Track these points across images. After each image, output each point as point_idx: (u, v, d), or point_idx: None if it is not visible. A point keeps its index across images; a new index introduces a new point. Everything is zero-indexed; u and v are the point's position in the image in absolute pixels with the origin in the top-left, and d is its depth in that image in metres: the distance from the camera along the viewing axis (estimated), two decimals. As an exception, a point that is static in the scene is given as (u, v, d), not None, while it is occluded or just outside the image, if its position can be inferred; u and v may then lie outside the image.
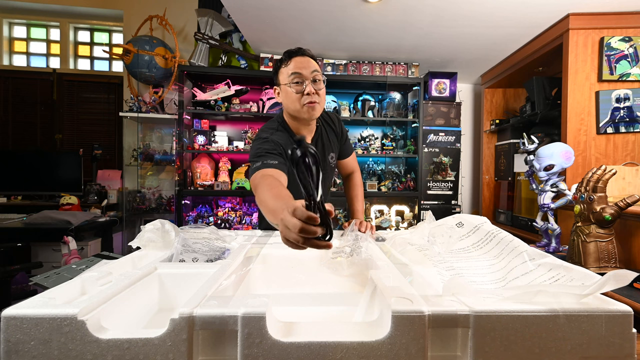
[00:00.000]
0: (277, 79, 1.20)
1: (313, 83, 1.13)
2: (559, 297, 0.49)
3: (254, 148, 1.14)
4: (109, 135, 3.58)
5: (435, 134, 3.00)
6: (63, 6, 3.47)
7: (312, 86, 1.13)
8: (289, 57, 1.15)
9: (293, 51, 1.16)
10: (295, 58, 1.14)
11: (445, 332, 0.49)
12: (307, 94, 1.12)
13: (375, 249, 0.86)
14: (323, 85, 1.17)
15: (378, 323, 0.49)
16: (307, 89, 1.12)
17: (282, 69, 1.16)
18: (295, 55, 1.14)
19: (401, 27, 2.38)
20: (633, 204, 1.12)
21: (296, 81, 1.13)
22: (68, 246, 2.01)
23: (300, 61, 1.13)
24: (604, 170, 1.18)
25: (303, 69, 1.12)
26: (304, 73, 1.12)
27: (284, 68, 1.16)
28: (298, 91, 1.13)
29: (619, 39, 2.06)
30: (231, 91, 2.77)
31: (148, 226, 0.86)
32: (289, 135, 1.22)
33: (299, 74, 1.12)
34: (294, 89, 1.13)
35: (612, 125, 2.09)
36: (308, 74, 1.12)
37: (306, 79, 1.12)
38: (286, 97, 1.16)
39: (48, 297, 0.51)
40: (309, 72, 1.13)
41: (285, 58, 1.16)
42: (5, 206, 2.92)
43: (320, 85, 1.15)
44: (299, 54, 1.15)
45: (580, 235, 1.18)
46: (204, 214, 2.84)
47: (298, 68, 1.12)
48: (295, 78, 1.12)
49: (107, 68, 3.75)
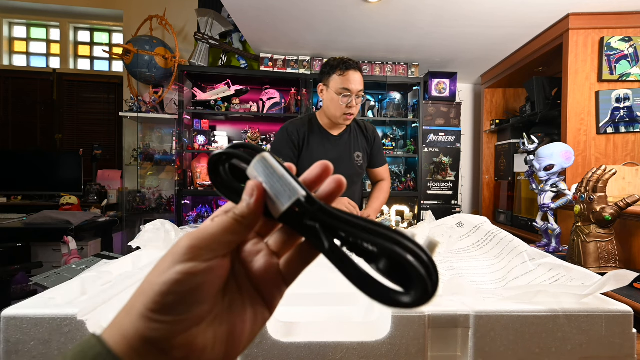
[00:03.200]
0: (327, 81, 1.33)
1: (356, 99, 1.30)
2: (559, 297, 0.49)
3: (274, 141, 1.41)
4: (109, 135, 3.58)
5: (435, 134, 3.00)
6: (63, 6, 3.47)
7: (355, 102, 1.30)
8: (346, 68, 1.29)
9: (350, 64, 1.29)
10: (350, 71, 1.28)
11: (445, 332, 0.49)
12: (349, 107, 1.29)
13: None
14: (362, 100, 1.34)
15: (378, 323, 0.49)
16: (351, 103, 1.29)
17: (335, 76, 1.30)
18: (351, 69, 1.29)
19: (401, 27, 2.38)
20: (633, 204, 1.12)
21: (345, 95, 1.28)
22: (68, 246, 2.01)
23: (354, 76, 1.28)
24: (604, 170, 1.18)
25: (354, 86, 1.28)
26: (353, 90, 1.28)
27: (338, 77, 1.29)
28: (343, 103, 1.29)
29: (619, 39, 2.06)
30: (231, 91, 2.77)
31: (148, 226, 0.86)
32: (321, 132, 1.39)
33: (349, 90, 1.28)
34: (342, 102, 1.29)
35: (612, 125, 2.09)
36: (356, 90, 1.28)
37: (353, 95, 1.28)
38: (330, 102, 1.32)
39: (48, 297, 0.50)
40: (357, 90, 1.29)
41: (342, 67, 1.29)
42: (5, 206, 2.92)
43: (359, 100, 1.32)
44: (354, 68, 1.29)
45: (580, 235, 1.18)
46: (204, 214, 2.84)
47: (350, 83, 1.27)
48: (345, 92, 1.28)
49: (107, 68, 3.75)
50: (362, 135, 1.47)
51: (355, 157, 1.42)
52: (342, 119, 1.32)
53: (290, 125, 1.40)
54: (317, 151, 1.37)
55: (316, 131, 1.39)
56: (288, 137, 1.36)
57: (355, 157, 1.42)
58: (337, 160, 1.38)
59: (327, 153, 1.37)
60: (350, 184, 1.44)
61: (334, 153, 1.39)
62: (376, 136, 1.51)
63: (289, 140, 1.35)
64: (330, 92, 1.31)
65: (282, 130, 1.38)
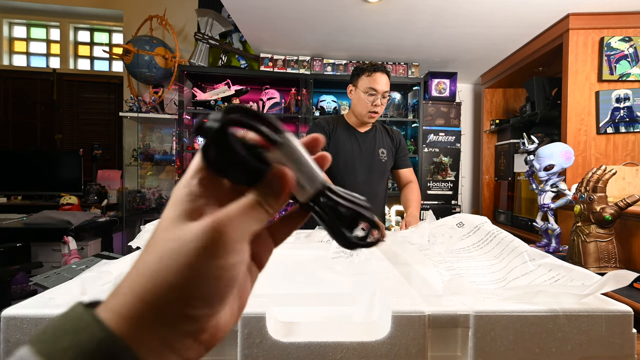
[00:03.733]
0: (356, 82, 1.45)
1: (382, 99, 1.42)
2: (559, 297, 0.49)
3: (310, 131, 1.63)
4: (109, 135, 3.58)
5: (435, 134, 3.00)
6: (63, 6, 3.47)
7: (380, 100, 1.41)
8: (374, 70, 1.41)
9: (377, 67, 1.42)
10: (377, 73, 1.40)
11: (445, 332, 0.49)
12: (374, 105, 1.41)
13: (375, 249, 0.86)
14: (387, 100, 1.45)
15: (378, 323, 0.49)
16: (377, 102, 1.41)
17: (363, 77, 1.42)
18: (378, 71, 1.41)
19: (401, 27, 2.38)
20: (633, 204, 1.12)
21: (371, 94, 1.40)
22: (68, 246, 2.01)
23: (380, 78, 1.40)
24: (604, 170, 1.18)
25: (380, 86, 1.40)
26: (379, 89, 1.40)
27: (366, 77, 1.41)
28: (369, 101, 1.41)
29: (619, 39, 2.06)
30: (231, 91, 2.77)
31: (148, 226, 0.86)
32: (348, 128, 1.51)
33: (375, 90, 1.40)
34: (368, 100, 1.41)
35: (612, 125, 2.09)
36: (382, 90, 1.40)
37: (379, 94, 1.40)
38: (358, 101, 1.45)
39: (48, 297, 0.50)
40: (382, 90, 1.40)
41: (370, 69, 1.41)
42: (5, 206, 2.92)
43: (385, 101, 1.43)
44: (381, 70, 1.41)
45: (580, 235, 1.18)
46: (204, 214, 2.84)
47: (376, 84, 1.39)
48: (371, 91, 1.40)
49: (107, 68, 3.75)
50: (388, 135, 1.57)
51: (379, 152, 1.51)
52: (367, 116, 1.44)
53: (321, 119, 1.57)
54: (343, 143, 1.48)
55: (344, 127, 1.52)
56: (320, 126, 1.50)
57: (380, 153, 1.51)
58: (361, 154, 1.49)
59: (353, 145, 1.49)
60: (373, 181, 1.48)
61: (358, 147, 1.50)
62: (401, 139, 1.60)
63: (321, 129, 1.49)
64: (358, 91, 1.44)
65: (314, 123, 1.57)
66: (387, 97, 1.44)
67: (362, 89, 1.42)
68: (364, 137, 1.52)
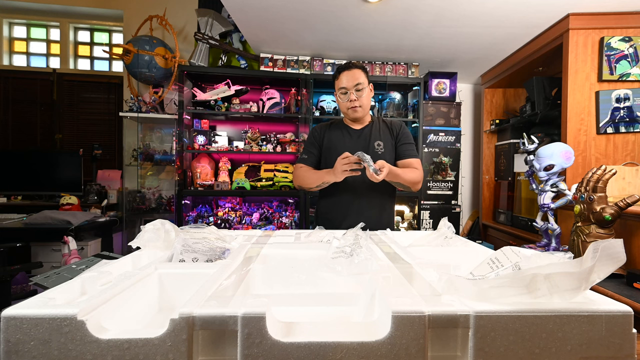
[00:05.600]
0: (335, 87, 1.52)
1: (356, 92, 1.45)
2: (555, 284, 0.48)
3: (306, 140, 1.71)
4: (109, 135, 3.58)
5: (435, 134, 3.00)
6: (63, 6, 3.47)
7: (355, 95, 1.45)
8: (338, 72, 1.48)
9: (342, 67, 1.48)
10: (343, 73, 1.46)
11: (445, 332, 0.49)
12: (350, 101, 1.46)
13: (376, 249, 0.86)
14: (365, 92, 1.47)
15: (378, 323, 0.49)
16: (350, 97, 1.46)
17: (335, 82, 1.50)
18: (343, 70, 1.46)
19: (401, 27, 2.38)
20: (633, 204, 1.12)
21: (343, 92, 1.47)
22: (68, 246, 2.01)
23: (346, 76, 1.45)
24: (604, 170, 1.18)
25: (348, 83, 1.44)
26: (348, 86, 1.44)
27: (336, 81, 1.49)
28: (344, 99, 1.48)
29: (619, 39, 2.06)
30: (231, 91, 2.77)
31: (148, 226, 0.86)
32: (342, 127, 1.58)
33: (344, 87, 1.45)
34: (342, 99, 1.48)
35: (612, 125, 2.09)
36: (351, 86, 1.44)
37: (349, 90, 1.45)
38: (338, 103, 1.53)
39: (48, 297, 0.50)
40: (352, 85, 1.44)
41: (336, 73, 1.49)
42: (5, 206, 2.92)
43: (361, 93, 1.46)
44: (347, 68, 1.46)
45: (580, 235, 1.18)
46: (204, 214, 2.84)
47: (343, 83, 1.45)
48: (342, 90, 1.47)
49: (107, 68, 3.75)
50: (386, 128, 1.57)
51: (375, 145, 1.51)
52: (350, 113, 1.50)
53: (315, 127, 1.64)
54: (336, 141, 1.55)
55: (337, 128, 1.59)
56: (312, 137, 1.60)
57: (375, 146, 1.51)
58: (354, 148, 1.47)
59: (346, 142, 1.54)
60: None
61: (352, 142, 1.53)
62: (402, 128, 1.57)
63: (312, 141, 1.58)
64: (336, 94, 1.53)
65: (309, 133, 1.66)
66: (363, 88, 1.45)
67: (337, 91, 1.50)
68: (358, 133, 1.55)
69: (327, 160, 1.53)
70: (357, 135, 1.54)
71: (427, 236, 1.00)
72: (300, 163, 1.55)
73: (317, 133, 1.59)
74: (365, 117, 1.57)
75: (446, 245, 0.95)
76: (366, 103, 1.49)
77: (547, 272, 0.47)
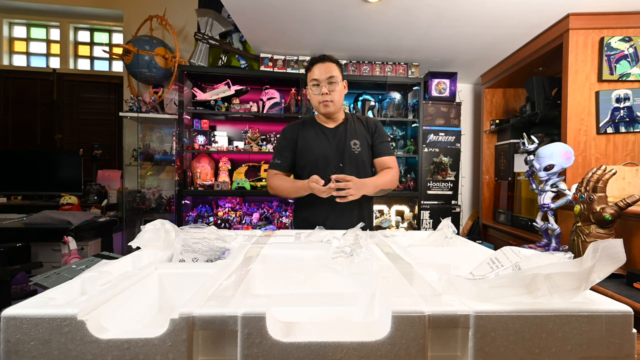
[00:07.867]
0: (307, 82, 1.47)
1: (328, 85, 1.40)
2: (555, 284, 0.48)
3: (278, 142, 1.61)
4: (109, 135, 3.58)
5: (435, 134, 3.00)
6: (63, 6, 3.47)
7: (327, 88, 1.40)
8: (311, 64, 1.42)
9: (315, 59, 1.42)
10: (316, 65, 1.41)
11: (445, 332, 0.49)
12: (322, 94, 1.40)
13: (375, 249, 0.86)
14: (338, 86, 1.42)
15: (378, 323, 0.49)
16: (322, 90, 1.40)
17: (308, 74, 1.44)
18: (317, 62, 1.41)
19: (401, 27, 2.38)
20: (633, 204, 1.12)
21: (314, 84, 1.42)
22: (68, 246, 2.01)
23: (318, 68, 1.40)
24: (604, 170, 1.18)
25: (320, 75, 1.39)
26: (320, 78, 1.39)
27: (309, 73, 1.43)
28: (315, 92, 1.42)
29: (619, 39, 2.06)
30: (231, 91, 2.77)
31: (148, 226, 0.86)
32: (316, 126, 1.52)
33: (316, 79, 1.40)
34: (313, 91, 1.43)
35: (612, 125, 2.09)
36: (324, 79, 1.39)
37: (322, 83, 1.39)
38: (310, 97, 1.47)
39: (48, 297, 0.50)
40: (325, 77, 1.39)
41: (309, 66, 1.43)
42: (5, 206, 2.92)
43: (334, 87, 1.41)
44: (320, 61, 1.41)
45: (580, 235, 1.18)
46: (204, 214, 2.84)
47: (316, 75, 1.40)
48: (314, 82, 1.41)
49: (107, 68, 3.75)
50: (362, 125, 1.53)
51: (351, 144, 1.47)
52: (321, 107, 1.44)
53: (286, 128, 1.55)
54: (311, 141, 1.48)
55: (311, 127, 1.52)
56: (284, 139, 1.52)
57: (352, 145, 1.47)
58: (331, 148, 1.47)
59: (322, 142, 1.48)
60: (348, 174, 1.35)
61: (327, 142, 1.48)
62: (378, 127, 1.54)
63: (285, 144, 1.51)
64: (307, 88, 1.47)
65: (280, 135, 1.56)
66: (336, 82, 1.40)
67: (309, 83, 1.44)
68: (333, 132, 1.49)
69: (302, 162, 1.48)
70: (333, 135, 1.48)
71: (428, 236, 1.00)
72: (273, 169, 1.48)
73: (289, 134, 1.51)
74: (339, 114, 1.51)
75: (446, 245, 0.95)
76: (338, 98, 1.44)
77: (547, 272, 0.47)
